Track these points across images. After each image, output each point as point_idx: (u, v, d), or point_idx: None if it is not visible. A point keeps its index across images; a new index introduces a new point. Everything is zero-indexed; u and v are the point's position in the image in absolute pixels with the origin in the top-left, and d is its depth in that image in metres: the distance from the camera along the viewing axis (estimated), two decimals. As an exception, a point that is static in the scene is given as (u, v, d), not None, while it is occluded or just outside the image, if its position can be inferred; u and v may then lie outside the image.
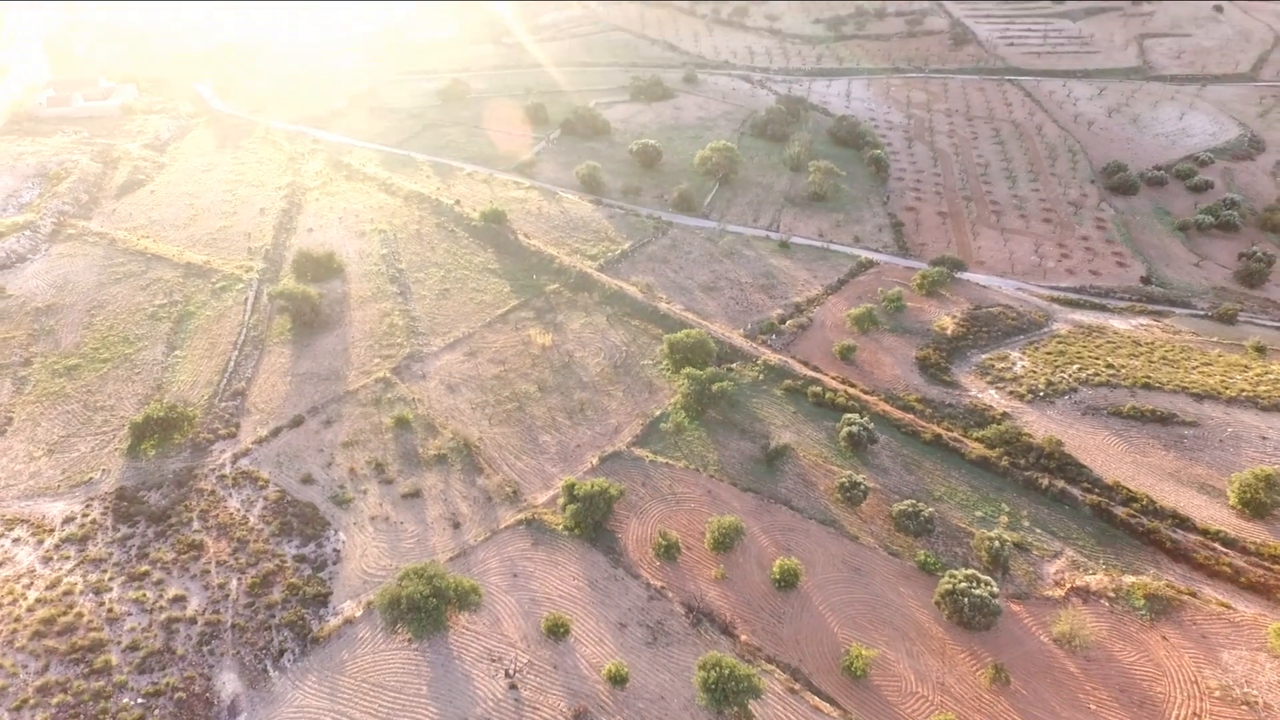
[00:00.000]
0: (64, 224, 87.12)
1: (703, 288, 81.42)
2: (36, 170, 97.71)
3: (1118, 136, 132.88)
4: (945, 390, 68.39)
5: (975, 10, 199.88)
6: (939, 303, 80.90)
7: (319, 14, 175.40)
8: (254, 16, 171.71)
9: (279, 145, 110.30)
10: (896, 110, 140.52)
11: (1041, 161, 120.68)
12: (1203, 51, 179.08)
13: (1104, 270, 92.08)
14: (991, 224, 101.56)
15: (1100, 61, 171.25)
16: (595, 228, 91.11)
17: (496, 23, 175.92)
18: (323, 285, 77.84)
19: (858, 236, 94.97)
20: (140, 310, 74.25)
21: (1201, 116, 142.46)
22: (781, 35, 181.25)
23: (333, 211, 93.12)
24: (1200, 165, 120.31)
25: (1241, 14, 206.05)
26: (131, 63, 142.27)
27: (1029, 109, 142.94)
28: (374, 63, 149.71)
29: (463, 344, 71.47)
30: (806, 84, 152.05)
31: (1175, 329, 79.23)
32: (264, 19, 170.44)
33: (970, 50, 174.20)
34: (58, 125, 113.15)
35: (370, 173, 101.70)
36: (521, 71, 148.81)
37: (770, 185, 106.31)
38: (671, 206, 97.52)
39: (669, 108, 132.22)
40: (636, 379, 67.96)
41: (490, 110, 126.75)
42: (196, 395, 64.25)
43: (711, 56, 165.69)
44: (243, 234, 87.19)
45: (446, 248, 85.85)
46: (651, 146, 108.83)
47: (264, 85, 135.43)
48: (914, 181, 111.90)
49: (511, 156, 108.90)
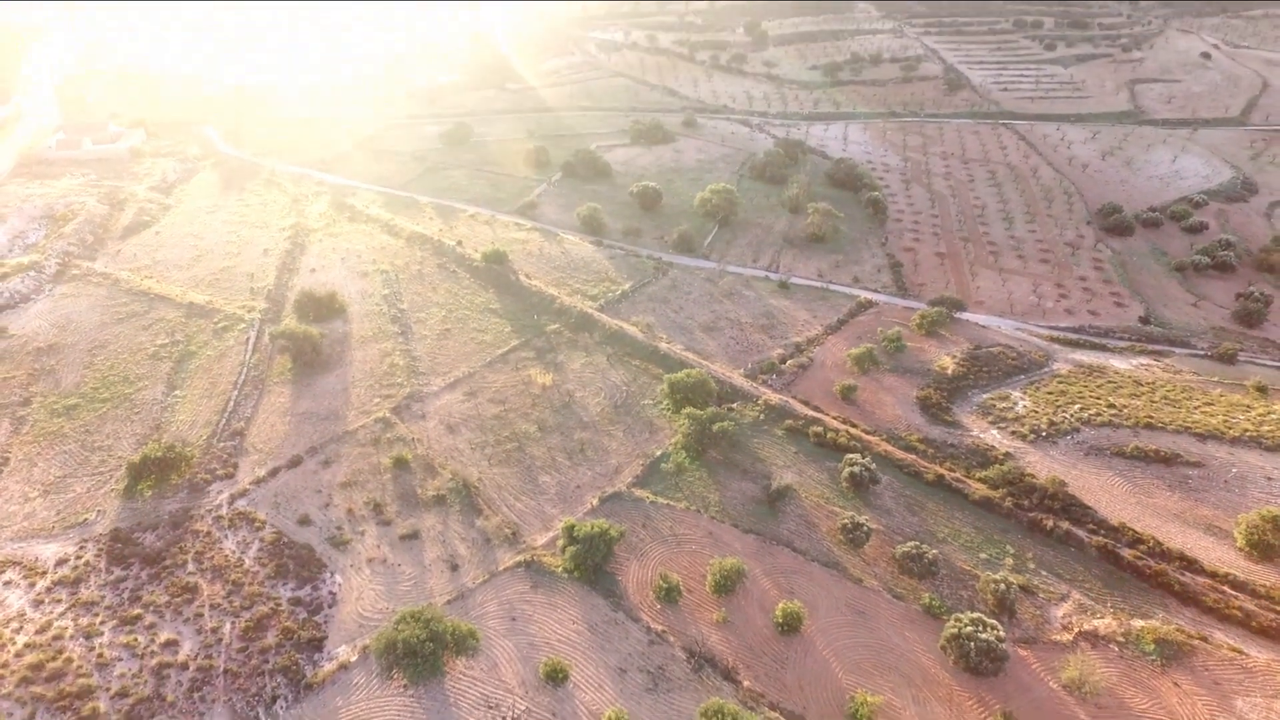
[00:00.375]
0: (69, 264, 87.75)
1: (703, 328, 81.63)
2: (44, 212, 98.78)
3: (1112, 179, 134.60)
4: (947, 430, 68.10)
5: (968, 57, 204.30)
6: (939, 342, 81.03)
7: (327, 59, 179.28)
8: (263, 60, 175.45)
9: (284, 187, 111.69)
10: (893, 153, 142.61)
11: (1037, 203, 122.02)
12: (1193, 96, 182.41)
13: (1102, 310, 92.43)
14: (989, 264, 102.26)
15: (1092, 106, 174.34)
16: (596, 268, 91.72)
17: (501, 68, 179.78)
18: (324, 325, 78.08)
19: (857, 277, 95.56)
20: (141, 350, 74.35)
21: (1194, 159, 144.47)
22: (779, 81, 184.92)
23: (336, 252, 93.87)
24: (1194, 207, 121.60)
25: (1229, 61, 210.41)
26: (142, 108, 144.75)
27: (1024, 152, 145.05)
28: (381, 107, 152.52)
29: (463, 384, 71.37)
30: (804, 128, 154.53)
31: (1176, 369, 79.21)
32: (273, 62, 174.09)
33: (964, 95, 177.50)
34: (66, 168, 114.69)
35: (373, 214, 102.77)
36: (525, 116, 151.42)
37: (769, 226, 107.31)
38: (672, 247, 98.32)
39: (669, 151, 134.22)
40: (637, 419, 67.74)
41: (493, 153, 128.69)
42: (195, 435, 63.97)
43: (711, 101, 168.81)
44: (246, 274, 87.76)
45: (448, 288, 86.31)
46: (652, 188, 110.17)
47: (271, 129, 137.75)
48: (912, 223, 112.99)
49: (514, 198, 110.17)
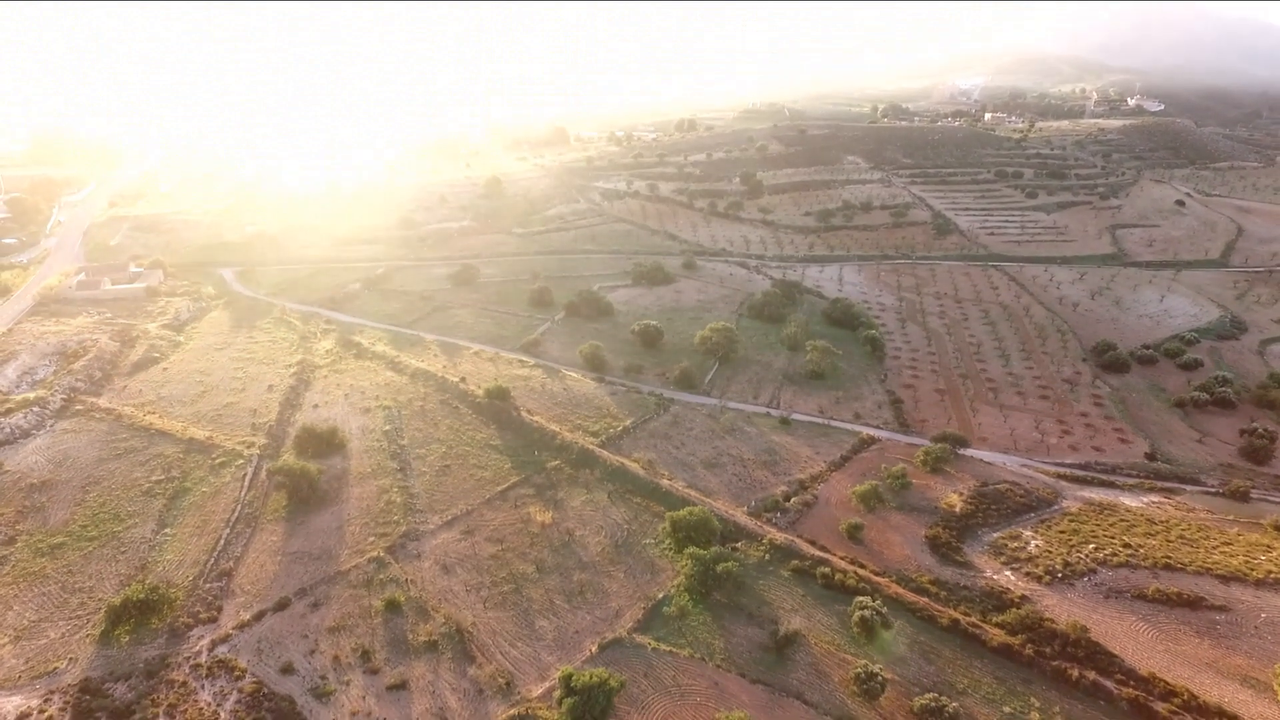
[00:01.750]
0: (74, 400, 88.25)
1: (705, 464, 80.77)
2: (56, 349, 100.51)
3: (1103, 317, 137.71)
4: (959, 571, 65.78)
5: (954, 204, 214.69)
6: (944, 479, 79.85)
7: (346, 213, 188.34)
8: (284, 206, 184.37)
9: (293, 325, 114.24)
10: (888, 293, 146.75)
11: (1032, 341, 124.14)
12: (1172, 240, 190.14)
13: (1107, 446, 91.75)
14: (989, 401, 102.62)
15: (1077, 249, 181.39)
16: (598, 404, 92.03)
17: (507, 214, 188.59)
18: (324, 461, 77.39)
19: (858, 413, 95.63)
20: (136, 486, 73.30)
21: (1181, 299, 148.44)
22: (774, 226, 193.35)
23: (340, 388, 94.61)
24: (1187, 344, 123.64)
25: (1203, 208, 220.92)
26: (163, 250, 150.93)
27: (1015, 292, 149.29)
28: (392, 248, 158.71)
29: (460, 522, 69.78)
30: (800, 270, 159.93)
31: (1189, 506, 77.56)
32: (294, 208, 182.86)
33: (954, 239, 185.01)
34: (84, 307, 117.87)
35: (379, 351, 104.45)
36: (530, 258, 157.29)
37: (769, 364, 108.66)
38: (673, 384, 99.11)
39: (670, 291, 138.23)
40: (638, 559, 65.65)
41: (498, 293, 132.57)
42: (181, 575, 61.85)
43: (709, 245, 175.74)
44: (249, 410, 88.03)
45: (449, 424, 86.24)
46: (653, 327, 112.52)
47: (284, 269, 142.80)
48: (910, 360, 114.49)
49: (517, 336, 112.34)
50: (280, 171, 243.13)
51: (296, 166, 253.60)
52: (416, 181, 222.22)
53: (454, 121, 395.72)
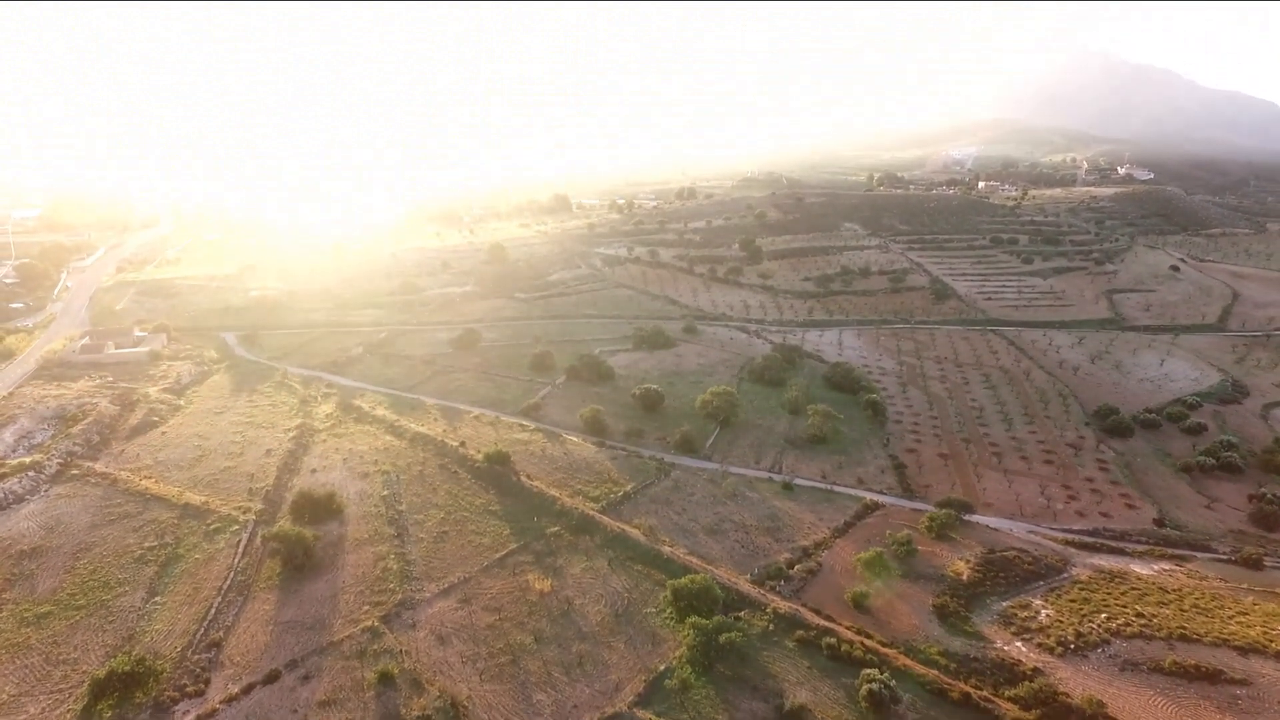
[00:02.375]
0: (70, 465, 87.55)
1: (706, 530, 79.51)
2: (56, 413, 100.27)
3: (1104, 381, 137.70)
4: (968, 642, 63.98)
5: (951, 270, 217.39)
6: (950, 546, 78.47)
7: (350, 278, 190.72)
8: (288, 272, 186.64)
9: (294, 389, 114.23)
10: (888, 357, 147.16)
11: (1034, 405, 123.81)
12: (1169, 305, 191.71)
13: (1114, 512, 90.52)
14: (993, 465, 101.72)
15: (1075, 313, 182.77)
16: (598, 469, 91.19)
17: (510, 279, 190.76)
18: (320, 527, 76.24)
19: (861, 478, 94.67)
20: (128, 553, 72.01)
21: (1181, 363, 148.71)
22: (774, 291, 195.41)
23: (338, 453, 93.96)
24: (1190, 409, 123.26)
25: (1197, 273, 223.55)
26: (167, 315, 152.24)
27: (1015, 356, 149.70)
28: (395, 313, 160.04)
29: (458, 590, 68.29)
30: (800, 334, 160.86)
31: (1201, 574, 75.95)
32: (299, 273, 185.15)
33: (952, 304, 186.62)
34: (86, 371, 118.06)
35: (379, 415, 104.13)
36: (531, 323, 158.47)
37: (770, 428, 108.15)
38: (674, 448, 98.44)
39: (670, 355, 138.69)
40: (639, 629, 63.94)
41: (500, 357, 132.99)
42: (169, 646, 60.16)
43: (709, 309, 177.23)
44: (246, 475, 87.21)
45: (448, 489, 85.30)
46: (654, 391, 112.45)
47: (288, 333, 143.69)
48: (912, 424, 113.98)
49: (518, 400, 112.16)
50: (286, 237, 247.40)
51: (302, 233, 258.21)
52: (420, 246, 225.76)
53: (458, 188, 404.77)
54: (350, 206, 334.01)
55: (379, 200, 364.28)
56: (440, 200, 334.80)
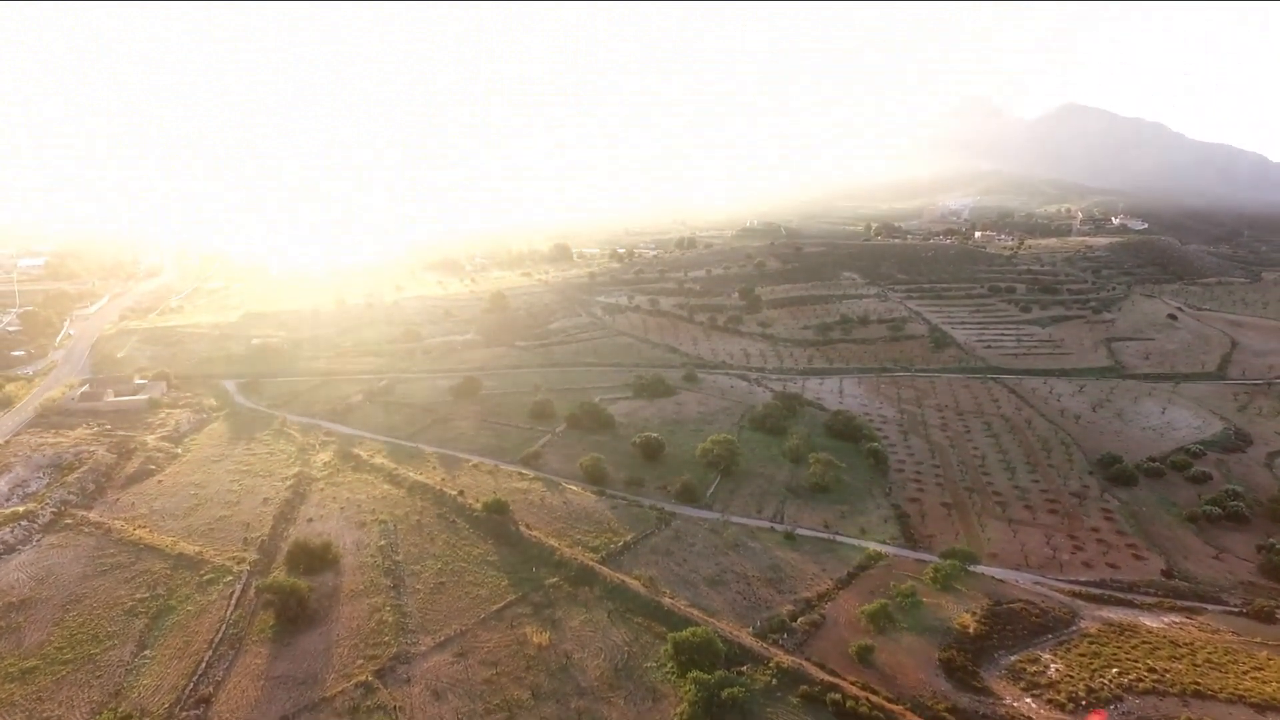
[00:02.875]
0: (64, 514, 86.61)
1: (708, 581, 78.22)
2: (52, 460, 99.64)
3: (1106, 429, 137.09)
4: (977, 698, 62.36)
5: (950, 318, 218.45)
6: (955, 598, 77.09)
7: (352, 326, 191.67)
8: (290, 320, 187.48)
9: (292, 437, 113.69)
10: (888, 405, 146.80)
11: (1037, 453, 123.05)
12: (1168, 353, 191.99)
13: (1122, 563, 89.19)
14: (997, 515, 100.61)
15: (1074, 362, 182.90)
16: (598, 518, 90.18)
17: (511, 327, 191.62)
18: (315, 578, 75.01)
19: (863, 528, 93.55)
20: (118, 605, 70.72)
21: (1183, 411, 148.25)
22: (774, 340, 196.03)
23: (336, 502, 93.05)
24: (1193, 457, 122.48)
25: (1195, 322, 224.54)
26: (168, 362, 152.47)
27: (1016, 404, 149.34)
28: (395, 360, 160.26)
29: (454, 643, 66.84)
30: (800, 382, 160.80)
31: (1213, 627, 74.48)
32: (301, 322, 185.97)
33: (951, 352, 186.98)
34: (84, 419, 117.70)
35: (378, 464, 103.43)
36: (532, 370, 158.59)
37: (772, 476, 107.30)
38: (674, 497, 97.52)
39: (671, 403, 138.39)
40: (639, 684, 62.39)
41: (500, 405, 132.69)
42: (157, 702, 58.62)
43: (709, 358, 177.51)
44: (242, 524, 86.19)
45: (446, 539, 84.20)
46: (654, 439, 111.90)
47: (288, 381, 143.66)
48: (914, 473, 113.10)
49: (518, 449, 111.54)
50: (289, 285, 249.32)
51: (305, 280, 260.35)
52: (423, 295, 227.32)
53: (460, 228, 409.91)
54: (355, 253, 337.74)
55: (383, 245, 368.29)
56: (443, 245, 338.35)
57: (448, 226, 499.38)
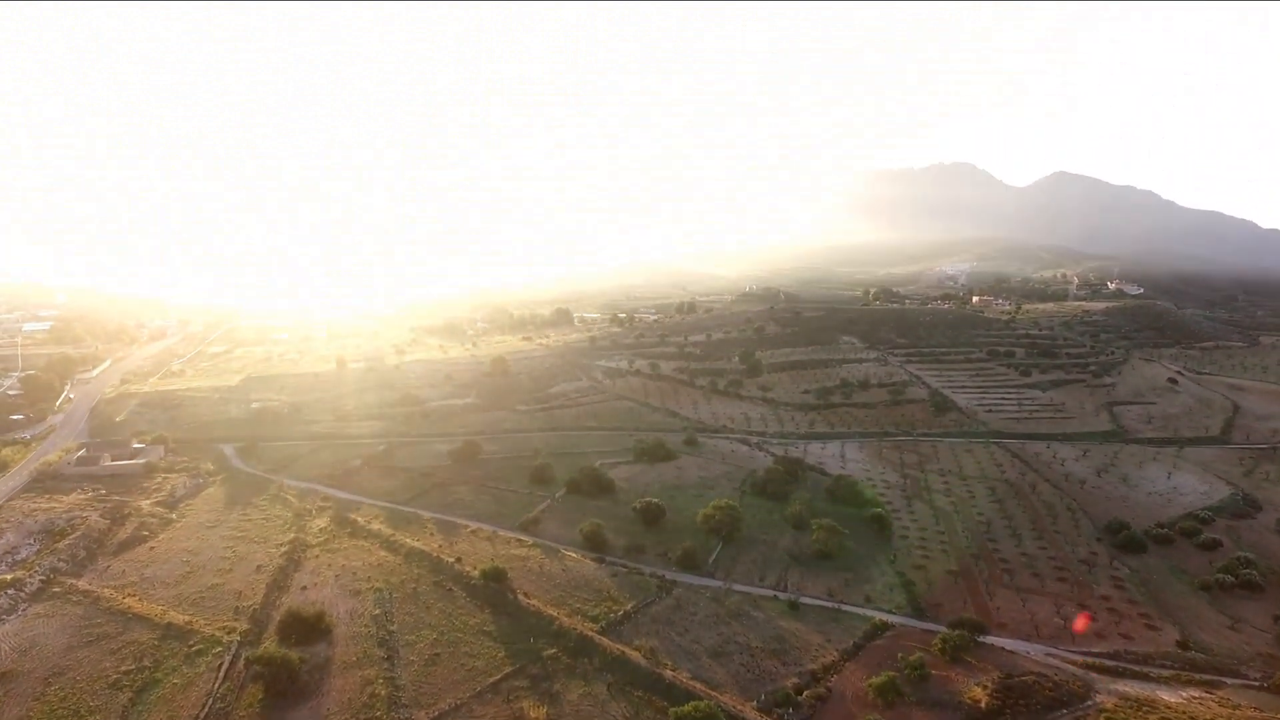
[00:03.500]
0: (53, 581, 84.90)
1: (710, 653, 76.11)
2: (43, 527, 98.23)
3: (1112, 495, 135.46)
4: (992, 778, 59.87)
5: (950, 382, 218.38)
6: (965, 670, 74.84)
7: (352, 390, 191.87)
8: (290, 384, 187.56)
9: (289, 502, 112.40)
10: (891, 470, 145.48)
11: (1043, 519, 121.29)
12: (1171, 417, 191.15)
13: (1135, 634, 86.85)
14: (1005, 583, 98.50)
15: (1077, 426, 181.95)
16: (597, 586, 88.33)
17: (511, 391, 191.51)
18: (307, 648, 73.03)
19: (869, 596, 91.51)
20: (102, 678, 68.63)
21: (1189, 476, 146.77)
22: (775, 404, 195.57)
23: (331, 569, 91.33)
24: (1202, 523, 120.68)
25: (1196, 386, 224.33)
26: (167, 426, 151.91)
27: (1019, 469, 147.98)
28: (394, 424, 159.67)
29: (448, 718, 64.64)
30: (802, 446, 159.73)
31: (1234, 703, 72.01)
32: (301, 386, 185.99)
33: (952, 416, 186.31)
34: (79, 483, 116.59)
35: (374, 530, 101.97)
36: (532, 435, 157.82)
37: (774, 543, 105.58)
38: (675, 565, 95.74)
39: (671, 468, 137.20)
40: (639, 763, 60.03)
41: (499, 470, 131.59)
42: (137, 782, 56.31)
43: (710, 422, 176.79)
44: (234, 592, 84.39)
45: (442, 608, 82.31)
46: (655, 504, 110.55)
47: (286, 445, 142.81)
48: (919, 539, 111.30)
49: (516, 514, 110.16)
50: (290, 349, 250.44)
51: (306, 344, 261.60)
52: (424, 359, 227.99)
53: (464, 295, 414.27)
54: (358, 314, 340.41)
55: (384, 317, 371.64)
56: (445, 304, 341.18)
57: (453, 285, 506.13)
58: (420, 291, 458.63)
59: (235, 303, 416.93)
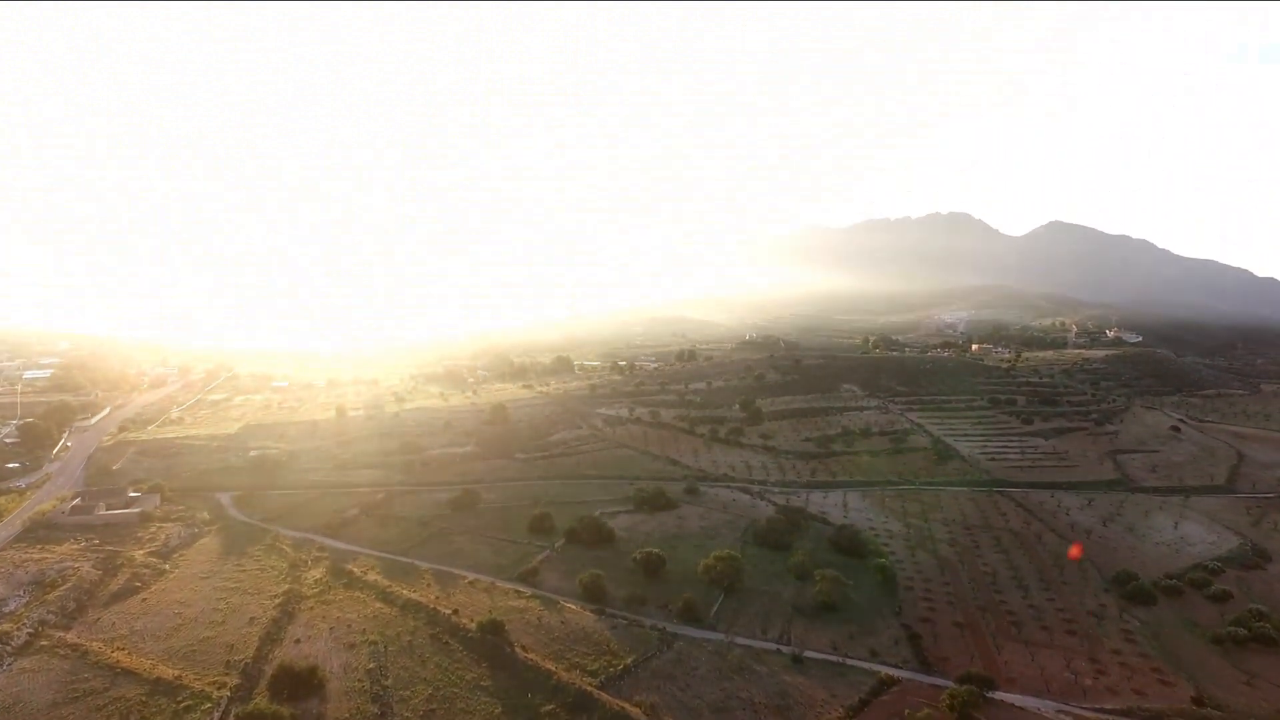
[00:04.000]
0: (40, 634, 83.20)
1: (712, 709, 74.15)
2: (35, 578, 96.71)
3: (1119, 545, 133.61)
4: (1005, 843, 57.69)
5: (952, 430, 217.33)
6: (976, 728, 72.76)
7: (351, 439, 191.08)
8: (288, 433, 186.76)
9: (284, 552, 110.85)
10: (894, 519, 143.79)
11: (1049, 570, 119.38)
12: (1175, 465, 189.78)
13: (1148, 689, 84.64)
14: (1013, 636, 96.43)
15: (1081, 474, 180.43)
16: (597, 639, 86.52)
17: (511, 439, 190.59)
18: (299, 704, 71.21)
19: (874, 650, 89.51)
20: (88, 735, 66.74)
21: (1196, 526, 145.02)
22: (776, 452, 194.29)
23: (325, 621, 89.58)
24: (1212, 574, 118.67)
25: (1199, 434, 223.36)
26: (164, 475, 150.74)
27: (1024, 518, 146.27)
28: (392, 473, 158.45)
29: (441, 779, 62.62)
30: (804, 495, 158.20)
31: (1251, 761, 69.82)
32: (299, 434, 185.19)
33: (955, 464, 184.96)
34: (73, 533, 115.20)
35: (370, 581, 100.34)
36: (531, 483, 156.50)
37: (777, 594, 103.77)
38: (676, 617, 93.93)
39: (672, 517, 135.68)
40: (639, 826, 57.92)
41: (498, 519, 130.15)
42: (119, 847, 54.25)
43: (711, 470, 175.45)
44: (226, 645, 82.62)
45: (438, 662, 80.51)
46: (655, 555, 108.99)
47: (284, 493, 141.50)
48: (924, 590, 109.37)
49: (515, 565, 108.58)
50: (290, 398, 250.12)
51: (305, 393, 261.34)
52: (423, 406, 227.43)
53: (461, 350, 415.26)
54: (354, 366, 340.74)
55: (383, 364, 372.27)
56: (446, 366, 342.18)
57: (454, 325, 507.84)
58: (420, 333, 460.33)
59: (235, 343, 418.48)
